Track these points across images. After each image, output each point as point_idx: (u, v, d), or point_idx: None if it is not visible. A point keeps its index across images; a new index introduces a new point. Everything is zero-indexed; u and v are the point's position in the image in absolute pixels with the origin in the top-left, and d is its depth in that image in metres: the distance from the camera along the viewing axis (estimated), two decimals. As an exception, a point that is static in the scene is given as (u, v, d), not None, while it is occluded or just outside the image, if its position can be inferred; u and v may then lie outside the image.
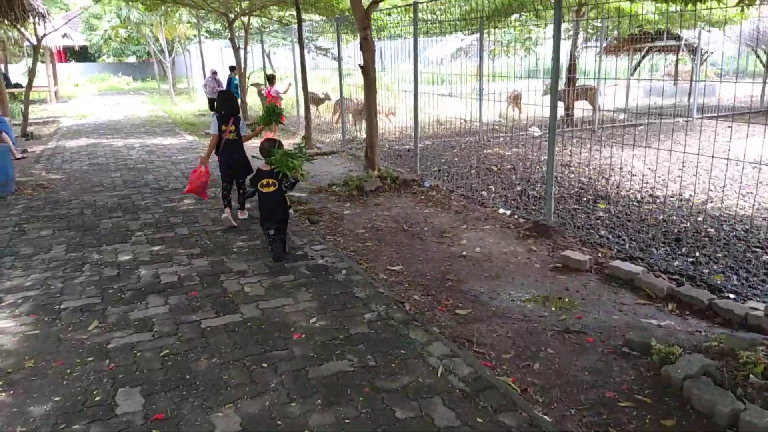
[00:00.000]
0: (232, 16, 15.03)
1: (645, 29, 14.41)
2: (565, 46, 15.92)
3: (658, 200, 7.31)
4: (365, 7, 7.69)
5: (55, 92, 24.56)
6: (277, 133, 13.61)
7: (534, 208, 6.88)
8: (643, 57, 17.52)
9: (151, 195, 7.66)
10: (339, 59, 10.64)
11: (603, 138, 11.99)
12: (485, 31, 12.43)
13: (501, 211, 6.81)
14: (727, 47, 15.27)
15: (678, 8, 6.05)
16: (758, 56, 16.65)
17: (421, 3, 8.36)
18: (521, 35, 18.04)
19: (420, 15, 8.41)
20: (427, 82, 11.72)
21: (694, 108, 14.73)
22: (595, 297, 4.50)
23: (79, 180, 8.74)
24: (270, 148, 5.18)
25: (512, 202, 7.19)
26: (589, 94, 14.25)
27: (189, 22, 22.05)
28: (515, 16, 11.52)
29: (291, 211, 6.65)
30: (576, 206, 7.03)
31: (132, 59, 37.99)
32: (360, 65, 7.89)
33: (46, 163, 10.28)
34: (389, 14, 11.26)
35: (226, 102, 6.20)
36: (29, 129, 14.19)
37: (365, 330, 3.77)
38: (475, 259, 5.28)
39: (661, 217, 6.52)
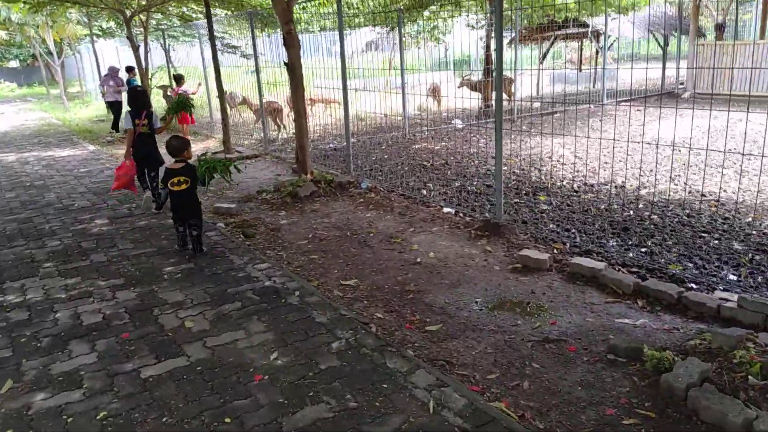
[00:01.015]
0: (128, 12, 13.85)
1: (553, 18, 14.75)
2: (476, 36, 16.02)
3: (594, 188, 7.34)
4: (286, 0, 7.11)
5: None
6: (188, 136, 12.73)
7: (477, 204, 6.69)
8: (551, 45, 17.97)
9: (56, 216, 6.76)
10: (255, 57, 10.00)
11: (524, 127, 12.11)
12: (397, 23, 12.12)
13: (445, 210, 6.56)
14: (630, 32, 15.92)
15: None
16: (657, 40, 17.48)
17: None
18: (428, 25, 17.79)
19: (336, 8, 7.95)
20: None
21: (603, 94, 15.25)
22: (563, 298, 4.31)
23: (-35, 204, 7.62)
24: (177, 145, 5.23)
25: (453, 199, 6.97)
26: (506, 84, 14.42)
27: (79, 21, 20.29)
28: (434, 7, 11.32)
29: (222, 224, 6.11)
30: (517, 200, 6.90)
31: (15, 63, 34.79)
32: (285, 62, 7.32)
33: None
34: (303, 8, 10.73)
35: (136, 98, 6.73)
36: None
37: (336, 363, 3.33)
38: (432, 266, 4.97)
39: (603, 206, 6.50)
